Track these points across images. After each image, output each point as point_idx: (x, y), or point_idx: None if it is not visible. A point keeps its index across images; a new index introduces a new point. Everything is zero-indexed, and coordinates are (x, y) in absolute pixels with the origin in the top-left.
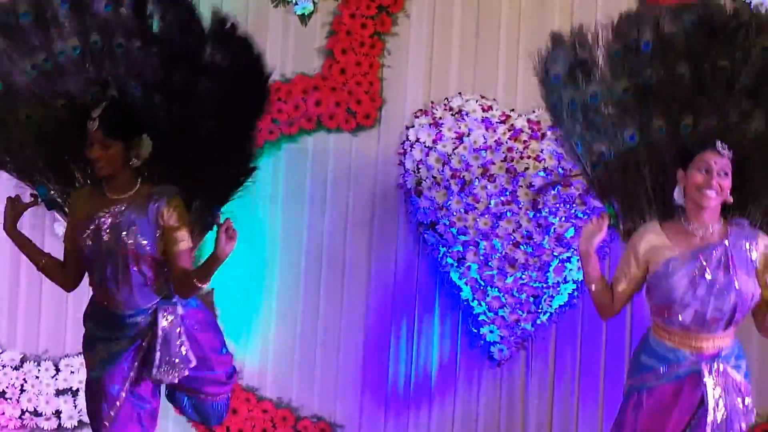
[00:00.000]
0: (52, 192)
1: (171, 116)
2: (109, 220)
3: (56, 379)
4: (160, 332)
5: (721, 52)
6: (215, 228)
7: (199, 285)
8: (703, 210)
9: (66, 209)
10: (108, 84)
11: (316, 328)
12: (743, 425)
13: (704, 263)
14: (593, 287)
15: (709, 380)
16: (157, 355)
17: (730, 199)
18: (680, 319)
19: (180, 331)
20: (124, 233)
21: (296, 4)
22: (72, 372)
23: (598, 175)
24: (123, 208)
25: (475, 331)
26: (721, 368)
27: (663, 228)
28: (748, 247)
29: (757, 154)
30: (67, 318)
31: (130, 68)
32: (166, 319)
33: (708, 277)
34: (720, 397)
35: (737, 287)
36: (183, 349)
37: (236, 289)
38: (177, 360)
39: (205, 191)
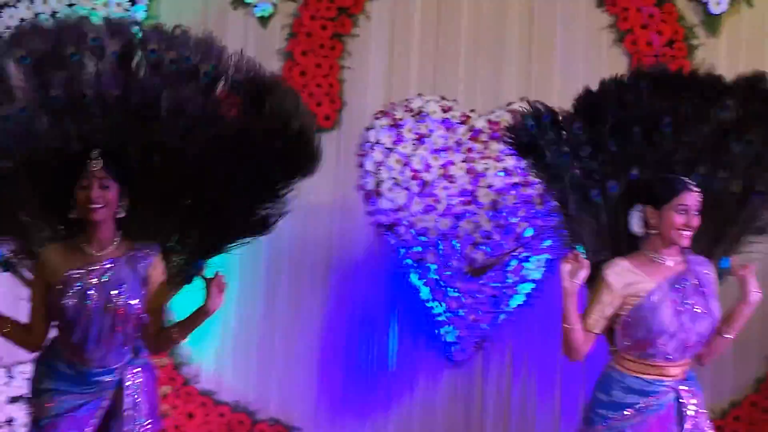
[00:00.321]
0: (8, 253)
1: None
2: (94, 279)
3: (9, 387)
4: (128, 392)
5: (670, 110)
6: (195, 280)
7: (179, 340)
8: (676, 246)
9: (25, 270)
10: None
11: (273, 331)
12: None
13: (683, 290)
14: (574, 327)
15: (687, 403)
16: (126, 414)
17: None
18: (665, 349)
19: (147, 390)
20: (114, 292)
21: (256, 6)
22: (26, 378)
23: (570, 222)
24: (109, 265)
25: (434, 332)
26: (691, 390)
27: (634, 267)
28: (706, 272)
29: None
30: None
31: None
32: (133, 379)
33: (689, 302)
34: (695, 416)
35: (711, 310)
36: (146, 407)
37: (192, 294)
38: (144, 420)
39: (197, 245)
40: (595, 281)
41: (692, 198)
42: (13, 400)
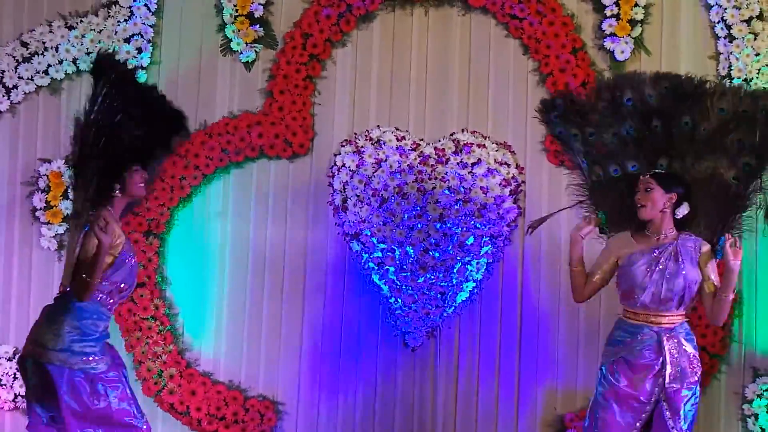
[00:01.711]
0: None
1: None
2: None
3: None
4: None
5: (685, 110)
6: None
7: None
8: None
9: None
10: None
11: (260, 322)
12: (692, 379)
13: (658, 256)
14: (572, 267)
15: (667, 344)
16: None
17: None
18: (643, 299)
19: None
20: None
21: (241, 53)
22: None
23: (593, 190)
24: None
25: (393, 322)
26: (675, 338)
27: (633, 236)
28: (693, 246)
29: (705, 187)
30: None
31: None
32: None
33: (661, 266)
34: (675, 356)
35: (684, 273)
36: None
37: (194, 291)
38: None
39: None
40: None
41: (640, 181)
42: None
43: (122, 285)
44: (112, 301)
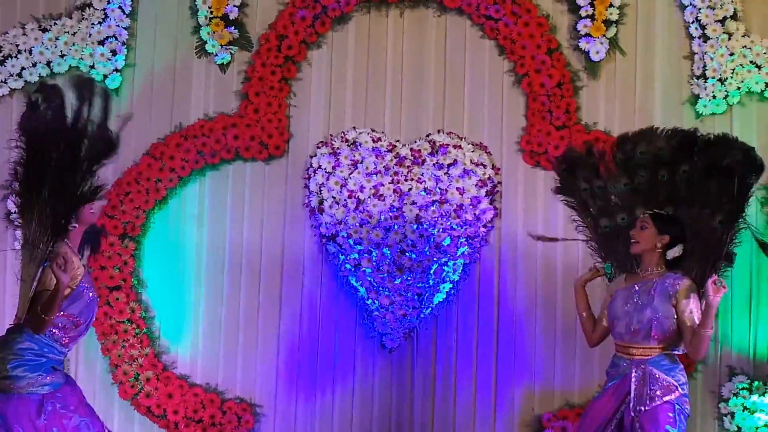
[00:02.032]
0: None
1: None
2: None
3: None
4: None
5: (684, 160)
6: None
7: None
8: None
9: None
10: None
11: (237, 325)
12: (657, 402)
13: (637, 291)
14: (581, 315)
15: (633, 374)
16: None
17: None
18: (619, 330)
19: None
20: None
21: (216, 55)
22: None
23: (601, 240)
24: None
25: (370, 324)
26: (647, 369)
27: (626, 276)
28: (671, 282)
29: (697, 230)
30: None
31: None
32: None
33: (635, 299)
34: (639, 384)
35: (653, 305)
36: None
37: (170, 294)
38: None
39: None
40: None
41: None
42: None
43: (78, 319)
44: (66, 337)
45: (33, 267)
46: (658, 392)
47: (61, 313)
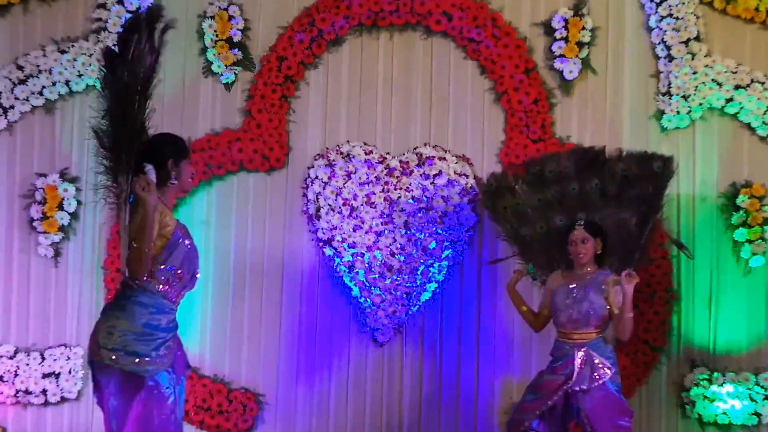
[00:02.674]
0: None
1: None
2: None
3: (42, 366)
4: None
5: (594, 175)
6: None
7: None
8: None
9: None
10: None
11: (242, 321)
12: (595, 384)
13: (576, 287)
14: (520, 310)
15: (577, 355)
16: None
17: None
18: (561, 320)
19: None
20: None
21: (222, 75)
22: (54, 359)
23: (522, 247)
24: None
25: (363, 320)
26: (587, 351)
27: (562, 274)
28: (602, 279)
29: (615, 232)
30: (50, 316)
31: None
32: None
33: (574, 294)
34: (581, 365)
35: (590, 299)
36: None
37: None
38: None
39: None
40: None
41: (576, 234)
42: (45, 376)
43: (179, 271)
44: (172, 291)
45: (122, 211)
46: (596, 375)
47: (162, 266)
